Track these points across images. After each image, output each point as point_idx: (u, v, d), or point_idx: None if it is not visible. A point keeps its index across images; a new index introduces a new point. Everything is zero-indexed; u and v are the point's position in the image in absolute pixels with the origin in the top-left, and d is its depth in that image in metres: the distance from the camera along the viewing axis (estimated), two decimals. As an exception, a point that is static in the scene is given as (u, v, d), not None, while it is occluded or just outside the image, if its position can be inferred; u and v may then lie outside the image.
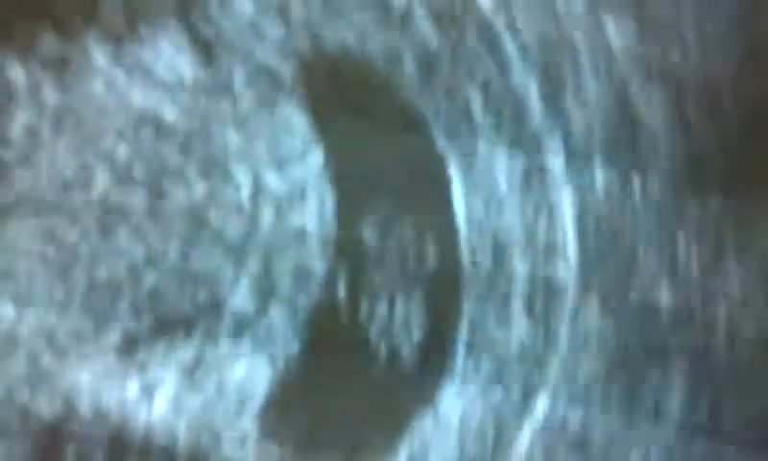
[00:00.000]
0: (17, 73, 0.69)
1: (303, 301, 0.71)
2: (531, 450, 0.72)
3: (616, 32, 0.75)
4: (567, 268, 0.74)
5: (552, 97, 0.74)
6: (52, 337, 0.68)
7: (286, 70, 0.72)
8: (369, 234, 0.72)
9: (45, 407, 0.68)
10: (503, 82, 0.73)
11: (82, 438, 0.68)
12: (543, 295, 0.73)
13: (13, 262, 0.68)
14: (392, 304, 0.72)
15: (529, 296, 0.73)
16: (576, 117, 0.74)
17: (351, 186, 0.72)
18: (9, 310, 0.68)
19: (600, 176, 0.74)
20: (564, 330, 0.73)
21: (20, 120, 0.69)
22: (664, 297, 0.74)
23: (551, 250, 0.74)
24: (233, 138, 0.71)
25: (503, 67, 0.73)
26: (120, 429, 0.69)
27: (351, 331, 0.71)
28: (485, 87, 0.73)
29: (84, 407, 0.68)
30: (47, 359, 0.68)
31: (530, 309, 0.73)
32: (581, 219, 0.74)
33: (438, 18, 0.73)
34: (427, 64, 0.72)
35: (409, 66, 0.72)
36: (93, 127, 0.69)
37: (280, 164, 0.71)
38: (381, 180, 0.72)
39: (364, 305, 0.71)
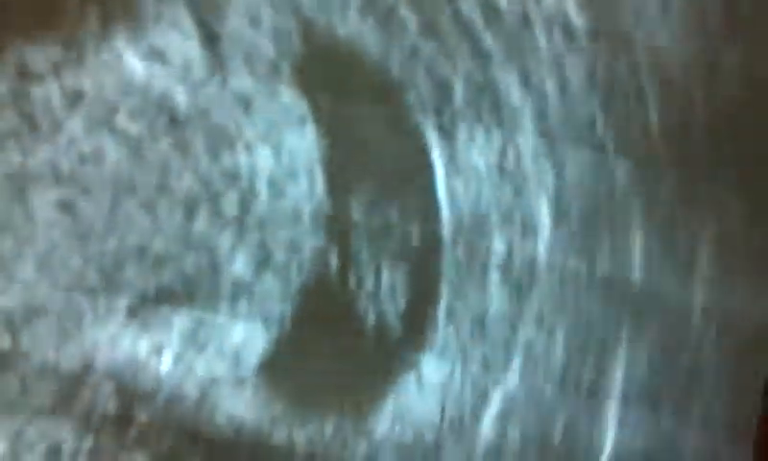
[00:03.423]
0: (38, 56, 0.69)
1: (296, 271, 0.71)
2: (505, 411, 0.74)
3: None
4: (542, 241, 0.75)
5: (529, 82, 0.75)
6: (70, 300, 0.69)
7: (282, 57, 0.72)
8: (357, 211, 0.72)
9: (65, 362, 0.69)
10: (483, 69, 0.74)
11: (97, 390, 0.69)
12: (519, 266, 0.74)
13: (34, 230, 0.69)
14: (378, 276, 0.72)
15: (506, 267, 0.74)
16: (553, 101, 0.75)
17: (342, 167, 0.72)
18: (31, 274, 0.68)
19: (574, 156, 0.75)
20: (537, 299, 0.74)
21: (41, 98, 0.69)
22: (635, 270, 0.75)
23: (527, 224, 0.74)
24: (234, 120, 0.71)
25: (482, 55, 0.74)
26: (131, 383, 0.69)
27: (341, 300, 0.72)
28: (466, 75, 0.74)
29: (100, 363, 0.69)
30: (66, 319, 0.69)
31: (506, 280, 0.74)
32: (556, 196, 0.75)
33: (420, 8, 0.73)
34: (412, 54, 0.73)
35: (396, 56, 0.73)
36: (108, 106, 0.70)
37: (276, 145, 0.72)
38: (369, 161, 0.73)
39: (352, 277, 0.72)
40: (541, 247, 0.75)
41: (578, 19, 0.75)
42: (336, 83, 0.73)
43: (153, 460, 0.70)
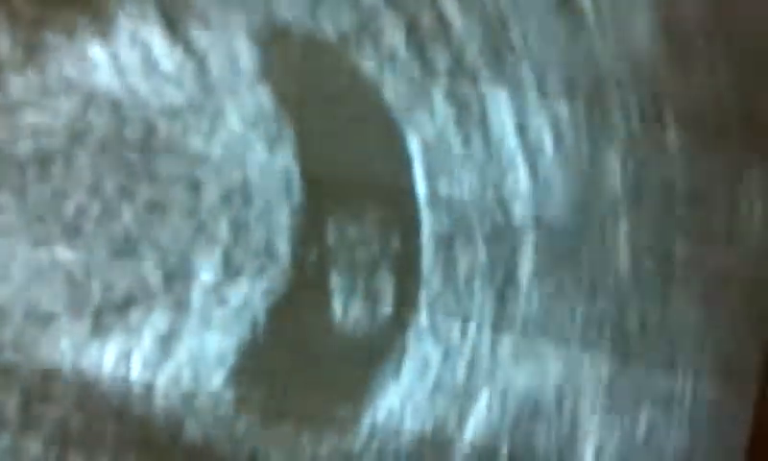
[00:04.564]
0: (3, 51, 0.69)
1: (270, 279, 0.71)
2: (489, 422, 0.73)
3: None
4: (526, 249, 0.74)
5: (514, 92, 0.74)
6: (35, 305, 0.69)
7: (257, 59, 0.72)
8: (335, 221, 0.72)
9: (29, 371, 0.69)
10: (461, 72, 0.74)
11: (63, 399, 0.69)
12: (503, 275, 0.74)
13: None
14: (357, 283, 0.72)
15: (489, 276, 0.74)
16: (531, 99, 0.74)
17: (320, 176, 0.72)
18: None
19: (555, 155, 0.75)
20: (520, 304, 0.74)
21: (4, 99, 0.70)
22: (622, 270, 0.75)
23: (511, 233, 0.74)
24: (206, 124, 0.71)
25: (459, 57, 0.74)
26: (98, 392, 0.69)
27: (317, 310, 0.72)
28: (448, 83, 0.74)
29: (65, 371, 0.69)
30: (31, 327, 0.69)
31: (490, 289, 0.73)
32: (537, 198, 0.74)
33: (397, 9, 0.74)
34: (390, 58, 0.73)
35: (373, 60, 0.73)
36: (73, 107, 0.70)
37: (252, 149, 0.72)
38: (349, 170, 0.73)
39: (330, 287, 0.72)
40: (525, 256, 0.74)
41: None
42: (315, 92, 0.73)
43: (122, 472, 0.70)
